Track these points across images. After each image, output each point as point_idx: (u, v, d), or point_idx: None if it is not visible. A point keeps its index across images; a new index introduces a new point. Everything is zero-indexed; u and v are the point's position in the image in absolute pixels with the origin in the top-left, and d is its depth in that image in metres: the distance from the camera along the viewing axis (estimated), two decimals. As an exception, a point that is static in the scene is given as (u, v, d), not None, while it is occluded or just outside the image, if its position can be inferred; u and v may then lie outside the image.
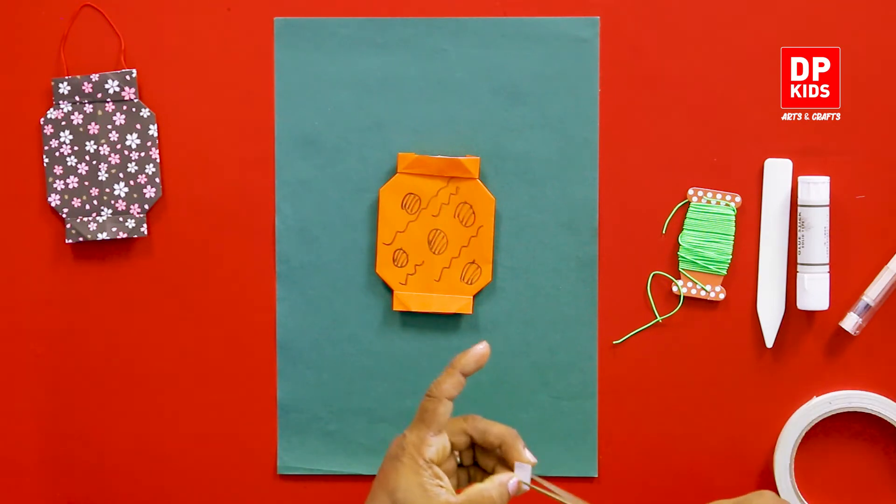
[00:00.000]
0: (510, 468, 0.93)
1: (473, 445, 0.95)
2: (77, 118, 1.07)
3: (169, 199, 1.08)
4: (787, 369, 1.07)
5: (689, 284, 1.07)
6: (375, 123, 1.07)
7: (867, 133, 1.06)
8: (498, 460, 0.94)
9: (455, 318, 1.08)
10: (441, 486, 0.91)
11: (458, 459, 0.95)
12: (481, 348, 0.94)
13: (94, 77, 1.07)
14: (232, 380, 1.09)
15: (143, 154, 1.07)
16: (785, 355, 1.07)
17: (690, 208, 1.07)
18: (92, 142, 1.07)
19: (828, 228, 1.05)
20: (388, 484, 0.90)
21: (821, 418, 1.06)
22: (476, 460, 0.95)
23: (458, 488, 0.93)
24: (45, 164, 1.07)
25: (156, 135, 1.07)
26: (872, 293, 1.06)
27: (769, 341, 1.07)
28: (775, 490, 1.07)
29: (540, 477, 1.08)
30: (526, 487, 0.93)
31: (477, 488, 0.91)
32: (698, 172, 1.07)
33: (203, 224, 1.08)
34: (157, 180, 1.08)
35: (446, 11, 1.07)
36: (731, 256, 1.07)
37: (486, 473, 0.94)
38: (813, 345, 1.07)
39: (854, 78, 1.06)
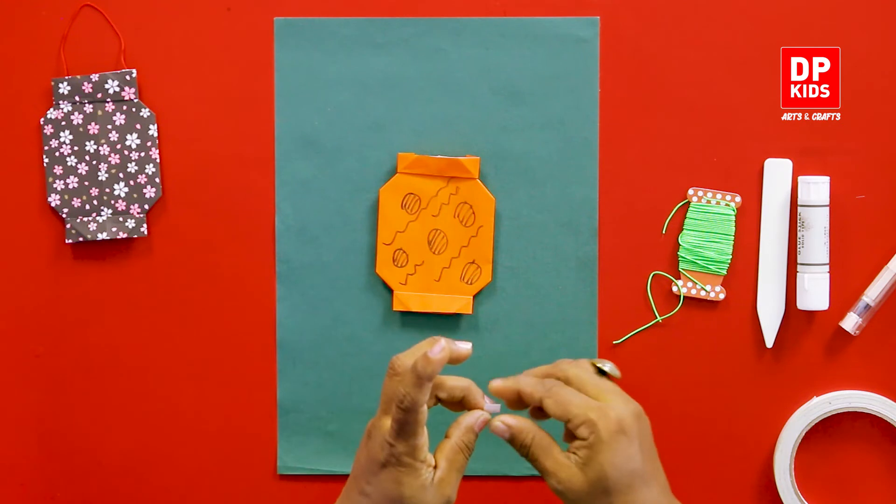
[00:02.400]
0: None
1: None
2: (77, 118, 1.07)
3: (169, 199, 1.08)
4: (787, 369, 1.07)
5: (689, 284, 1.07)
6: (375, 123, 1.07)
7: (867, 133, 1.06)
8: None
9: (455, 318, 1.08)
10: (433, 472, 0.91)
11: None
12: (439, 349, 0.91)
13: (94, 77, 1.07)
14: (232, 380, 1.09)
15: (143, 154, 1.07)
16: (785, 355, 1.07)
17: (690, 208, 1.07)
18: (92, 142, 1.07)
19: (828, 228, 1.05)
20: (394, 493, 0.90)
21: (821, 418, 1.07)
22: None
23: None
24: (45, 164, 1.07)
25: (156, 135, 1.07)
26: (872, 293, 1.06)
27: (769, 341, 1.07)
28: (775, 490, 1.07)
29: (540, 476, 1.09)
30: (490, 415, 0.93)
31: (450, 448, 0.92)
32: (698, 172, 1.07)
33: (203, 224, 1.08)
34: (157, 180, 1.08)
35: (446, 11, 1.07)
36: (731, 256, 1.07)
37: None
38: (813, 345, 1.07)
39: (854, 78, 1.06)
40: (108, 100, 1.07)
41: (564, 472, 0.91)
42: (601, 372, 0.94)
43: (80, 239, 1.07)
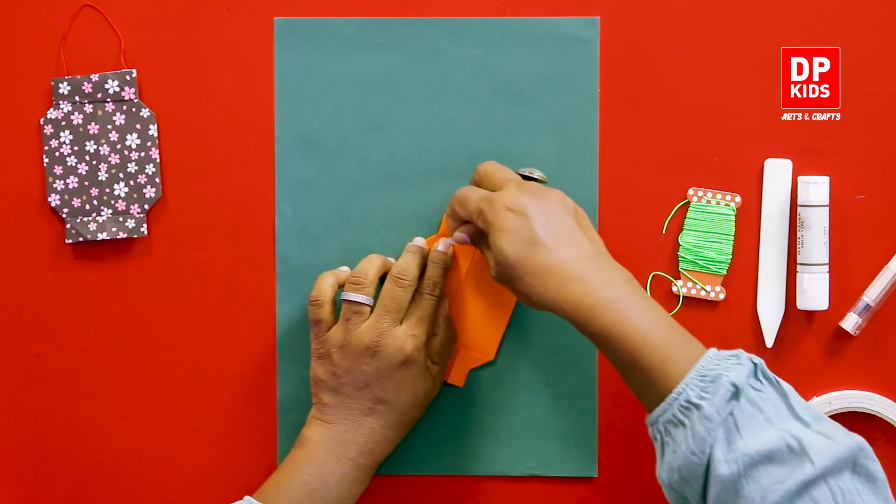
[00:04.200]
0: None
1: None
2: (77, 118, 1.07)
3: (169, 199, 1.08)
4: (787, 369, 1.07)
5: (689, 284, 1.07)
6: (375, 123, 1.07)
7: (867, 133, 1.06)
8: None
9: (455, 318, 1.08)
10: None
11: None
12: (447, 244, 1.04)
13: (94, 77, 1.07)
14: (232, 380, 1.09)
15: (143, 154, 1.07)
16: (785, 355, 1.07)
17: (690, 208, 1.07)
18: (92, 142, 1.07)
19: (827, 228, 1.05)
20: (418, 388, 1.02)
21: (821, 418, 1.07)
22: None
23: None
24: (45, 164, 1.07)
25: (156, 135, 1.07)
26: (872, 293, 1.06)
27: (769, 341, 1.07)
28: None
29: (540, 476, 1.09)
30: (450, 241, 1.03)
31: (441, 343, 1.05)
32: (698, 172, 1.07)
33: (203, 224, 1.08)
34: (157, 180, 1.08)
35: (446, 11, 1.07)
36: (731, 256, 1.07)
37: None
38: (813, 345, 1.07)
39: (854, 78, 1.06)
40: (108, 100, 1.07)
41: (489, 261, 0.97)
42: (528, 179, 1.02)
43: (80, 239, 1.07)
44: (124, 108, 1.07)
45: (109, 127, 1.07)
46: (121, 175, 1.07)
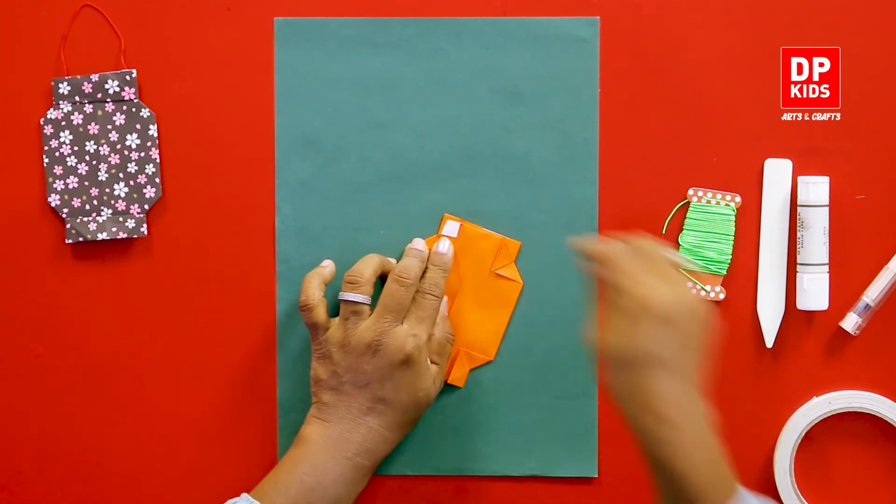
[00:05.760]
0: None
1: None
2: (77, 118, 1.07)
3: (169, 199, 1.08)
4: (787, 369, 1.07)
5: (689, 284, 1.07)
6: (375, 123, 1.07)
7: (867, 133, 1.06)
8: None
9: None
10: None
11: None
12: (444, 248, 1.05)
13: (94, 77, 1.07)
14: (232, 380, 1.09)
15: (143, 154, 1.07)
16: (785, 355, 1.07)
17: (690, 208, 1.07)
18: (92, 142, 1.07)
19: (827, 228, 1.05)
20: (418, 388, 1.02)
21: (821, 418, 1.06)
22: None
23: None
24: (45, 164, 1.07)
25: (156, 135, 1.07)
26: (872, 293, 1.06)
27: (769, 341, 1.07)
28: (775, 490, 1.07)
29: (540, 476, 1.09)
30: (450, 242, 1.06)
31: (438, 343, 1.05)
32: (698, 172, 1.07)
33: (203, 224, 1.08)
34: (157, 180, 1.08)
35: (446, 11, 1.07)
36: (731, 256, 1.07)
37: None
38: (813, 345, 1.07)
39: (854, 78, 1.06)
40: (108, 100, 1.07)
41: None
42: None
43: (80, 239, 1.07)
44: (124, 108, 1.07)
45: (109, 127, 1.07)
46: (121, 175, 1.07)
